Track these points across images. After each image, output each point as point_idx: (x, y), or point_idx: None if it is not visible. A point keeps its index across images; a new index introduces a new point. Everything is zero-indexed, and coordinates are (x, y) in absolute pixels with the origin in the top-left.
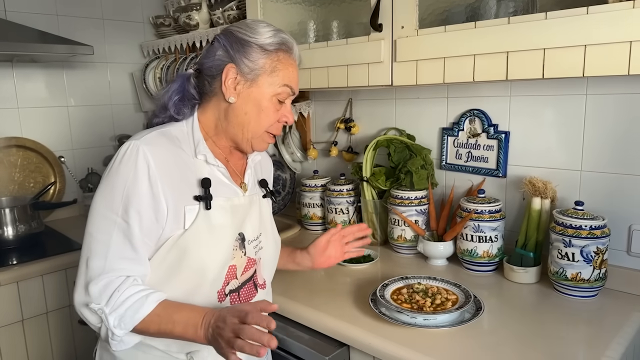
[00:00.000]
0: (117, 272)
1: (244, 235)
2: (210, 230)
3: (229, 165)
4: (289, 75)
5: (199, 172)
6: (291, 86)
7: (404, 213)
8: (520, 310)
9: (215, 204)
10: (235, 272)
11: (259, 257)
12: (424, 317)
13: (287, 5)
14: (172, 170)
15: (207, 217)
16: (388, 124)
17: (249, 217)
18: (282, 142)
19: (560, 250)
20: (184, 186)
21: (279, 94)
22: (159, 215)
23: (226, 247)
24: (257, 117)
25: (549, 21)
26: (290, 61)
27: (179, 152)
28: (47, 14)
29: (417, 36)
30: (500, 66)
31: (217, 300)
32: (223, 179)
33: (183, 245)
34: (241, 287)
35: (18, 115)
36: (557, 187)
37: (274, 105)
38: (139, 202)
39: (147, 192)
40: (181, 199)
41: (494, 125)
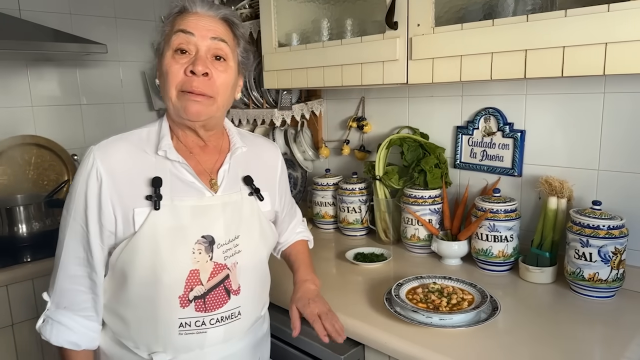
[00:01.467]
0: (71, 280)
1: (213, 238)
2: (162, 231)
3: (197, 162)
4: (181, 21)
5: (158, 172)
6: (183, 29)
7: (417, 212)
8: (536, 310)
9: (171, 204)
10: (199, 277)
11: (234, 262)
12: (440, 317)
13: (300, 4)
14: (124, 175)
15: (158, 219)
16: (401, 123)
17: (221, 219)
18: (294, 141)
19: (578, 250)
20: (137, 188)
21: (176, 46)
22: (107, 221)
23: (183, 251)
24: (164, 81)
25: (569, 19)
26: (182, 14)
27: (138, 153)
28: (61, 12)
29: (434, 34)
30: (519, 64)
31: (180, 306)
32: (187, 177)
33: (133, 248)
34: (208, 293)
35: (32, 113)
36: (574, 186)
37: (176, 60)
38: (87, 207)
39: (93, 199)
40: (131, 202)
41: (510, 124)
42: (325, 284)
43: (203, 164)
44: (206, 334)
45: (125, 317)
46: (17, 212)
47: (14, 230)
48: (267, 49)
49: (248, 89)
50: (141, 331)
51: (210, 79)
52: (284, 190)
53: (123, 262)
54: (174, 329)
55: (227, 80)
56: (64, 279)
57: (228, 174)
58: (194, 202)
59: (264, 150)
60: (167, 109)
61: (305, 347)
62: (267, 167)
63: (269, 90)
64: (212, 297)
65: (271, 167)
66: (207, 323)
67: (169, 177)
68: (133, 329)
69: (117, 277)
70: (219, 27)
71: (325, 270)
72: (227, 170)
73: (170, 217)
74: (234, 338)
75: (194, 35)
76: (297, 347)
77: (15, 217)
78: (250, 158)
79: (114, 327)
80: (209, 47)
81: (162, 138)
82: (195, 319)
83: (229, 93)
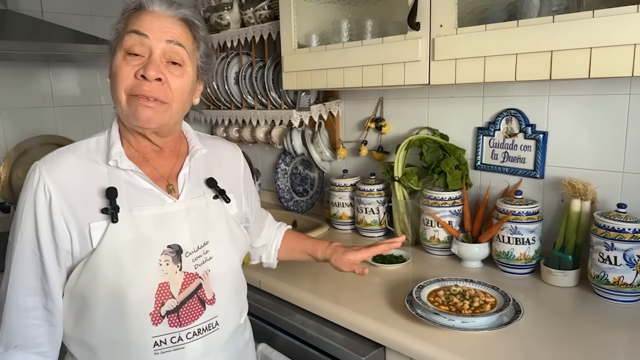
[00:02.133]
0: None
1: (180, 247)
2: (124, 246)
3: (153, 168)
4: (136, 21)
5: (111, 182)
6: (136, 29)
7: (437, 214)
8: (559, 313)
9: (130, 215)
10: (169, 289)
11: (206, 269)
12: (462, 320)
13: (320, 5)
14: (75, 188)
15: (117, 232)
16: (420, 123)
17: (186, 225)
18: (311, 141)
19: (602, 253)
20: (89, 202)
21: (128, 48)
22: (61, 239)
23: (149, 264)
24: (115, 82)
25: (597, 19)
26: (139, 11)
27: (88, 164)
28: (82, 14)
29: (456, 35)
30: (544, 65)
31: (152, 323)
32: (143, 184)
33: (93, 267)
34: (181, 306)
35: (54, 113)
36: (598, 188)
37: (127, 63)
38: (38, 228)
39: (44, 218)
40: (86, 216)
41: (532, 125)
42: (343, 284)
43: (160, 169)
44: (184, 349)
45: (92, 344)
46: None
47: None
48: (286, 50)
49: (266, 90)
50: (112, 357)
51: (164, 83)
52: (250, 191)
53: (83, 283)
54: (149, 349)
55: (183, 86)
56: (13, 315)
57: (189, 177)
58: (154, 211)
59: (224, 151)
60: (118, 113)
61: (326, 348)
62: (230, 168)
63: (287, 91)
64: (186, 309)
65: (234, 168)
66: (183, 338)
67: (124, 187)
68: (103, 355)
69: (77, 301)
70: (176, 29)
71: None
72: (187, 174)
73: (130, 229)
74: (214, 350)
75: (148, 37)
76: (318, 348)
77: None
78: (211, 160)
79: (82, 357)
80: (163, 51)
81: (112, 146)
82: (170, 335)
83: (185, 99)
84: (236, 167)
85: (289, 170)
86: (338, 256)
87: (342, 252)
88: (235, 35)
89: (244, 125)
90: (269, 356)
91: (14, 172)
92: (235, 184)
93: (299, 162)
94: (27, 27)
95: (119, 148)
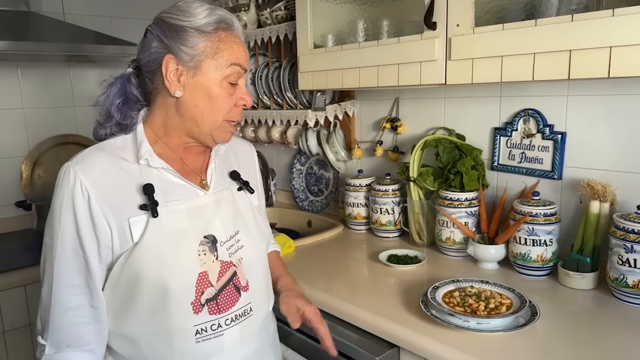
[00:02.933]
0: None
1: (214, 237)
2: (164, 239)
3: (183, 164)
4: (235, 52)
5: (144, 179)
6: (239, 63)
7: (453, 215)
8: (577, 316)
9: (167, 210)
10: (208, 278)
11: (239, 258)
12: (477, 321)
13: (337, 5)
14: (110, 185)
15: (158, 226)
16: (436, 124)
17: (218, 217)
18: (327, 141)
19: (621, 256)
20: (126, 198)
21: (228, 76)
22: (102, 235)
23: (189, 254)
24: (211, 107)
25: (617, 18)
26: (233, 38)
27: (120, 163)
28: (102, 15)
29: (473, 34)
30: (562, 65)
31: (193, 312)
32: (176, 180)
33: (136, 261)
34: (219, 293)
35: (74, 113)
36: (617, 190)
37: (226, 90)
38: (79, 227)
39: (84, 215)
40: (124, 212)
41: (550, 126)
42: (357, 284)
43: (190, 165)
44: (223, 336)
45: (134, 337)
46: None
47: None
48: (302, 51)
49: (282, 90)
50: (154, 348)
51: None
52: (261, 190)
53: (126, 278)
54: (190, 338)
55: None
56: (60, 315)
57: (215, 171)
58: (188, 204)
59: (241, 147)
60: (186, 129)
61: (341, 348)
62: (247, 162)
63: (302, 91)
64: (224, 296)
65: (250, 163)
66: (222, 325)
67: (158, 183)
68: (145, 348)
69: (120, 295)
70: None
71: (357, 270)
72: (214, 169)
73: (169, 222)
74: (249, 336)
75: (243, 69)
76: None
77: None
78: (230, 155)
79: (124, 351)
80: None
81: (140, 145)
82: (210, 322)
83: None
84: (252, 163)
85: (304, 170)
86: (289, 295)
87: (295, 296)
88: (252, 36)
89: (259, 125)
90: (283, 354)
91: (35, 170)
92: (253, 179)
93: (314, 162)
94: (49, 29)
95: (148, 147)
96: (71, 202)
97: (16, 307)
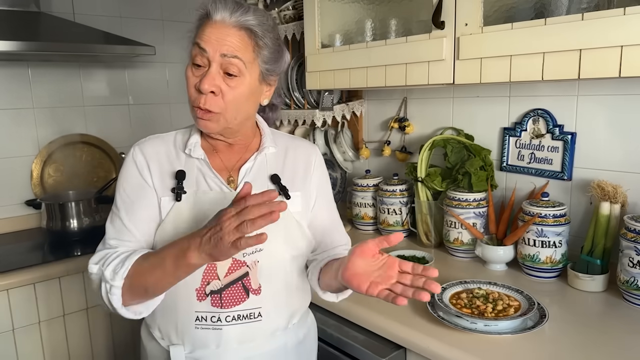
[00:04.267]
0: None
1: None
2: (182, 223)
3: (220, 160)
4: (201, 34)
5: (186, 167)
6: (199, 42)
7: (461, 215)
8: (586, 319)
9: (192, 198)
10: (216, 271)
11: (255, 260)
12: (485, 323)
13: (344, 4)
14: (158, 163)
15: (179, 211)
16: (444, 124)
17: None
18: (334, 141)
19: (632, 258)
20: (166, 178)
21: (193, 57)
22: (150, 201)
23: None
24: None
25: (628, 17)
26: (209, 21)
27: (172, 150)
28: (112, 16)
29: (482, 33)
30: (572, 64)
31: (196, 299)
32: (209, 173)
33: (159, 237)
34: (224, 288)
35: (84, 112)
36: (628, 191)
37: (191, 72)
38: (131, 189)
39: (137, 182)
40: (161, 189)
41: (560, 126)
42: None
43: (225, 162)
44: (221, 330)
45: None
46: (69, 208)
47: (65, 225)
48: (310, 50)
49: (290, 90)
50: (164, 321)
51: (218, 95)
52: (323, 194)
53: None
54: (191, 321)
55: (238, 96)
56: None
57: (250, 172)
58: (214, 196)
59: (300, 151)
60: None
61: (347, 349)
62: (303, 167)
63: (310, 91)
64: (229, 293)
65: (305, 168)
66: (222, 320)
67: (195, 173)
68: (158, 317)
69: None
70: (234, 41)
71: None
72: (249, 169)
73: (191, 209)
74: (251, 341)
75: (207, 51)
76: (338, 348)
77: (67, 212)
78: (284, 158)
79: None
80: (219, 63)
81: (191, 136)
82: (211, 313)
83: (242, 106)
84: (307, 166)
85: None
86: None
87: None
88: None
89: None
90: None
91: (45, 169)
92: (303, 183)
93: None
94: (59, 29)
95: (197, 139)
96: (128, 171)
97: (26, 305)
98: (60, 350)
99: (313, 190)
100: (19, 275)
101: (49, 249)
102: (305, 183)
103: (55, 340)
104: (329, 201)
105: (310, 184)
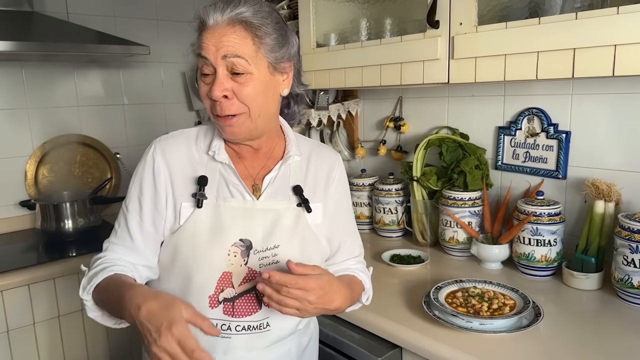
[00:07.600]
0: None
1: (251, 243)
2: (201, 230)
3: (245, 167)
4: (200, 44)
5: (208, 171)
6: (200, 52)
7: (456, 214)
8: (581, 317)
9: (214, 204)
10: (231, 280)
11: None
12: (480, 322)
13: (339, 4)
14: (180, 166)
15: (200, 217)
16: (440, 123)
17: (261, 225)
18: (330, 141)
19: (626, 256)
20: (188, 183)
21: (200, 69)
22: (159, 206)
23: (219, 251)
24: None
25: (621, 16)
26: (205, 30)
27: (195, 151)
28: (106, 15)
29: (476, 33)
30: (566, 63)
31: (209, 306)
32: (232, 179)
33: (175, 243)
34: (237, 297)
35: (78, 113)
36: (622, 189)
37: (204, 82)
38: (142, 192)
39: (150, 184)
40: (182, 194)
41: (554, 125)
42: None
43: (250, 169)
44: (230, 339)
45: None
46: (63, 209)
47: (60, 225)
48: (305, 50)
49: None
50: None
51: (232, 98)
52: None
53: (164, 256)
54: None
55: (253, 91)
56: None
57: (274, 181)
58: (236, 204)
59: (321, 159)
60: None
61: (343, 348)
62: (324, 177)
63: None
64: (242, 302)
65: (327, 178)
66: (232, 329)
67: (217, 177)
68: None
69: (162, 263)
70: (231, 39)
71: None
72: (273, 178)
73: (211, 216)
74: (259, 349)
75: (208, 59)
76: (334, 348)
77: (62, 213)
78: (306, 167)
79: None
80: (225, 66)
81: (214, 137)
82: (221, 322)
83: (261, 100)
84: (328, 176)
85: None
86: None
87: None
88: None
89: None
90: None
91: (39, 170)
92: (325, 194)
93: None
94: (53, 29)
95: (221, 141)
96: (143, 171)
97: (20, 306)
98: (55, 351)
99: (331, 202)
100: (14, 277)
101: (43, 249)
102: (326, 194)
103: (51, 341)
104: (347, 214)
105: (329, 196)
